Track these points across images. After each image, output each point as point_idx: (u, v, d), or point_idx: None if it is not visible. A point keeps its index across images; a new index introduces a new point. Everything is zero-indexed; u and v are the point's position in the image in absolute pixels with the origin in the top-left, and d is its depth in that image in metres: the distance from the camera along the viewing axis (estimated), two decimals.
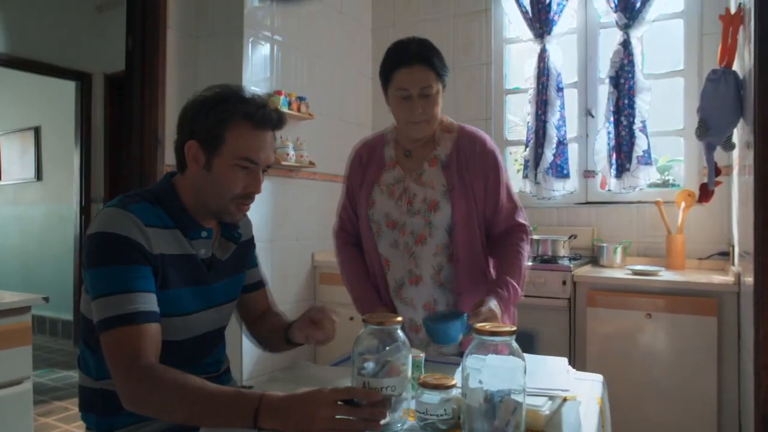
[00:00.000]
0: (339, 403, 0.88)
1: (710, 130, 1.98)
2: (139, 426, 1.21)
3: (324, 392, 0.89)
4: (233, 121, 1.17)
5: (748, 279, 1.69)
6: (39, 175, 5.13)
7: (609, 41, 2.90)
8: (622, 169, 2.78)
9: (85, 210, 4.51)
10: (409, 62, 1.48)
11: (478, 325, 0.90)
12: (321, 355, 3.03)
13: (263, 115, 1.20)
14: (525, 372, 0.87)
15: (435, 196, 1.55)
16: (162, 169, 2.66)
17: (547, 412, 0.95)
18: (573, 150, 3.04)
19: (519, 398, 0.86)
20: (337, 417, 0.87)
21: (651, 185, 2.84)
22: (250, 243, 1.45)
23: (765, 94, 1.51)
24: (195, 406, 0.97)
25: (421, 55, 1.49)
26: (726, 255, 2.61)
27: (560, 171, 2.97)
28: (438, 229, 1.56)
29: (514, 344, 0.88)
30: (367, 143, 1.71)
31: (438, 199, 1.55)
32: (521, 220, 1.62)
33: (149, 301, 1.08)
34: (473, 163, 1.57)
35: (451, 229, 1.55)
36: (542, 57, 3.00)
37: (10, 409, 1.71)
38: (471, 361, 0.88)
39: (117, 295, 1.06)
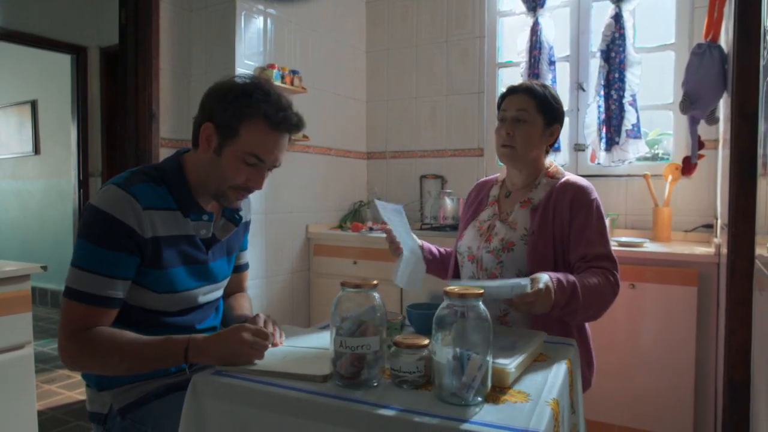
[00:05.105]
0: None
1: (694, 104, 2.00)
2: (134, 386, 1.28)
3: (238, 326, 1.12)
4: (251, 117, 1.20)
5: (725, 249, 1.73)
6: (37, 149, 5.16)
7: (601, 14, 2.90)
8: (611, 143, 2.81)
9: (83, 184, 4.55)
10: (515, 91, 1.60)
11: (448, 288, 0.95)
12: (315, 320, 3.11)
13: (283, 118, 1.22)
14: (491, 332, 0.93)
15: (513, 237, 1.54)
16: (157, 143, 2.69)
17: (513, 370, 1.00)
18: (564, 123, 3.05)
19: (486, 356, 0.92)
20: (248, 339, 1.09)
21: (641, 159, 2.87)
22: (248, 225, 1.51)
23: (743, 68, 1.54)
24: (133, 359, 1.13)
25: (527, 86, 1.60)
26: (711, 227, 2.65)
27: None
28: (508, 271, 1.53)
29: (482, 306, 0.93)
30: (481, 183, 1.80)
31: (515, 242, 1.53)
32: (608, 264, 1.49)
33: (118, 288, 1.17)
34: (562, 209, 1.52)
35: (523, 275, 1.49)
36: (535, 30, 3.00)
37: (12, 373, 1.79)
38: (440, 321, 0.93)
39: (92, 273, 1.14)
